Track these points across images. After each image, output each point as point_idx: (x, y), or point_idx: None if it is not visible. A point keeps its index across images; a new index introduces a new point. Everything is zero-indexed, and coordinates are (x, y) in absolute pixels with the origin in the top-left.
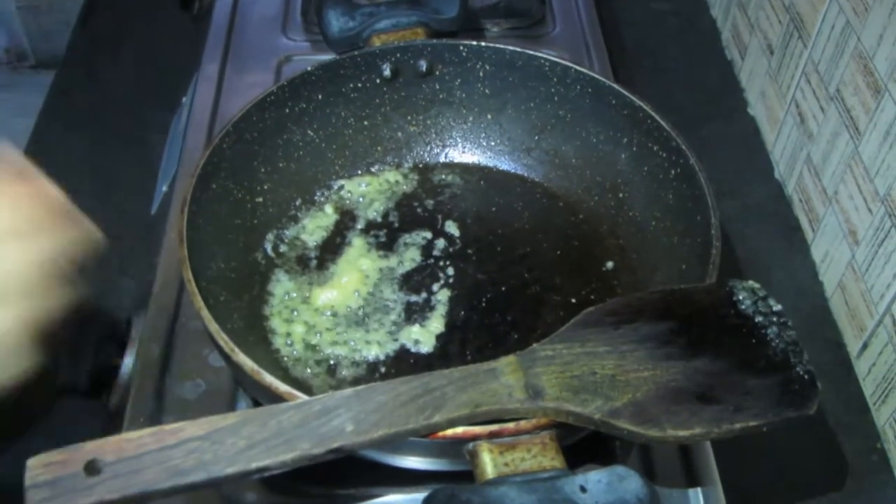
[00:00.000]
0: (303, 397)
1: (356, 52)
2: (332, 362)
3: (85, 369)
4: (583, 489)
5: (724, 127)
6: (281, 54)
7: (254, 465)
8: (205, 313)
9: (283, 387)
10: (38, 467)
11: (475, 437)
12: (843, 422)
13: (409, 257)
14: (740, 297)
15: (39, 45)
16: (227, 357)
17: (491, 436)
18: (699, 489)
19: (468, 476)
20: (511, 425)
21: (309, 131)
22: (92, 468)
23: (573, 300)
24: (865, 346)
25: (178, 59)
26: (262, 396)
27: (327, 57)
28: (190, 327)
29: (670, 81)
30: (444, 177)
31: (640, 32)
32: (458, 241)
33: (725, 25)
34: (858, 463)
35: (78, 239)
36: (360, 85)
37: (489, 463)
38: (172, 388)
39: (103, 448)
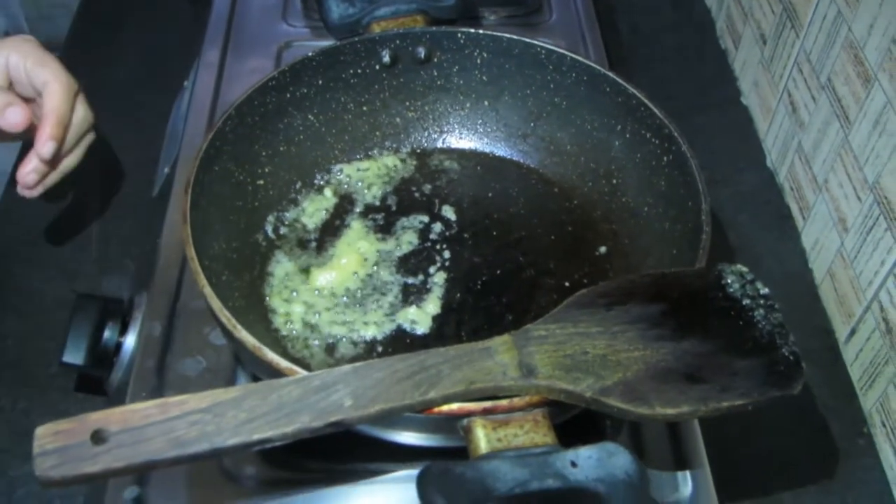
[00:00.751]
0: (303, 373)
1: (356, 39)
2: (330, 342)
3: (88, 347)
4: (573, 464)
5: (717, 115)
6: (281, 40)
7: (255, 437)
8: (207, 291)
9: (283, 363)
10: (46, 436)
11: (469, 414)
12: (830, 406)
13: (407, 240)
14: (728, 281)
15: (39, 29)
16: (228, 334)
17: (485, 412)
18: (687, 471)
19: (462, 453)
20: (504, 402)
21: (309, 116)
22: (98, 437)
23: (567, 283)
24: (853, 332)
25: (180, 44)
26: (263, 373)
27: (327, 43)
28: (191, 306)
29: (665, 70)
30: (441, 162)
31: (635, 21)
32: (454, 225)
33: (720, 15)
34: (845, 447)
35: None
36: (359, 71)
37: (483, 438)
38: (174, 366)
39: (109, 418)
